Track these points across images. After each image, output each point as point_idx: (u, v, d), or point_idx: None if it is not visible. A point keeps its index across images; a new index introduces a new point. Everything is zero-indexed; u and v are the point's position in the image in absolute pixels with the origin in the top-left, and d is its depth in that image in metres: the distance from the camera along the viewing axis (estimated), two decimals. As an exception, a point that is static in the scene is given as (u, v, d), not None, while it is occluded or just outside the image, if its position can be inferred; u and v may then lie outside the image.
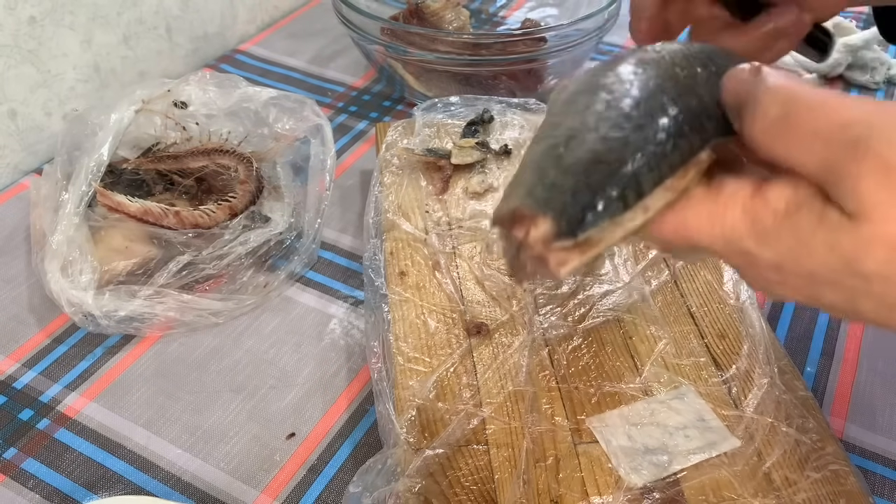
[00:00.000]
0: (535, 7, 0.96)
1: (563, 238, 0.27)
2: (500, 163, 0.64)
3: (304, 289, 0.60)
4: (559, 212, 0.27)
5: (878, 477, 0.48)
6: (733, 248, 0.27)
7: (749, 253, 0.27)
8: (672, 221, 0.28)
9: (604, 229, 0.27)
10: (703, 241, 0.28)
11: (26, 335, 0.56)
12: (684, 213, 0.28)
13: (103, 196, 0.56)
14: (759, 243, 0.26)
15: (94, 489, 0.47)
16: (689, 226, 0.28)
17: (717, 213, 0.27)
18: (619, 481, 0.42)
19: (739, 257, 0.27)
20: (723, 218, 0.27)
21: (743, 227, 0.27)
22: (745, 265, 0.28)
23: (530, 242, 0.28)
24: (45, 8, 0.70)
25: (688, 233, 0.28)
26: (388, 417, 0.45)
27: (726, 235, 0.27)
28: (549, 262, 0.28)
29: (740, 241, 0.27)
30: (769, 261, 0.27)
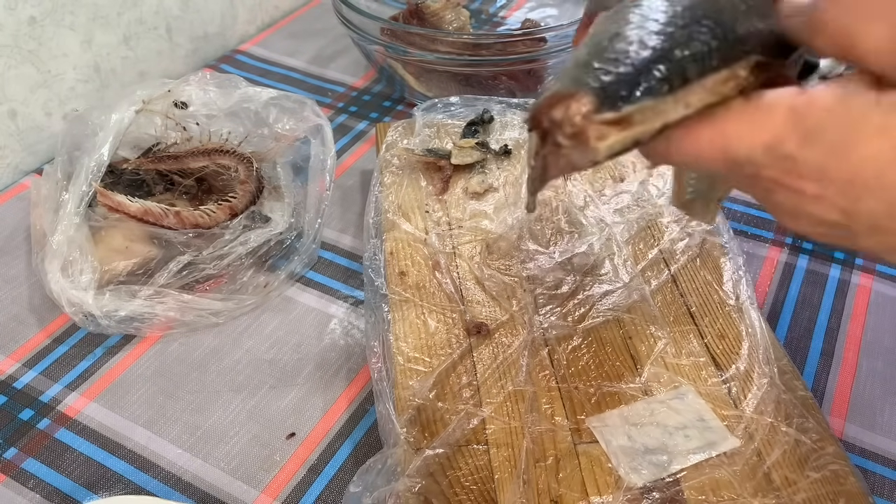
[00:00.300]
0: (535, 7, 0.96)
1: (604, 111, 0.27)
2: (500, 163, 0.64)
3: (304, 289, 0.60)
4: (601, 87, 0.27)
5: (878, 477, 0.48)
6: (773, 155, 0.26)
7: (790, 158, 0.26)
8: (708, 131, 0.27)
9: (645, 110, 0.27)
10: (741, 151, 0.27)
11: (27, 335, 0.57)
12: (722, 122, 0.27)
13: (104, 196, 0.57)
14: (804, 142, 0.25)
15: (95, 489, 0.47)
16: (727, 134, 0.27)
17: (759, 118, 0.26)
18: (618, 481, 0.42)
19: (777, 168, 0.26)
20: (764, 122, 0.26)
21: (786, 129, 0.26)
22: (780, 178, 0.26)
23: (570, 117, 0.27)
24: (46, 8, 0.70)
25: (725, 142, 0.27)
26: (389, 417, 0.45)
27: (767, 141, 0.26)
28: (588, 136, 0.27)
29: (782, 144, 0.26)
30: (812, 164, 0.25)
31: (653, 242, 0.57)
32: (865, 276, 0.61)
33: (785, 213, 0.28)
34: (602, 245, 0.57)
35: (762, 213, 0.67)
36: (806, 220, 0.27)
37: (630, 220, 0.59)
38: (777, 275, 0.61)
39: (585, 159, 0.28)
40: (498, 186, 0.62)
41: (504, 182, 0.62)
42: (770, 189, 0.27)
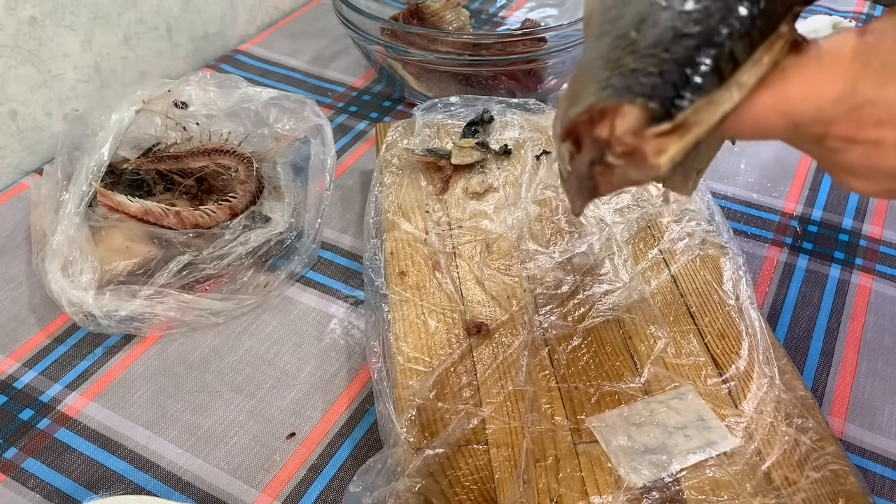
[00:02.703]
0: (535, 7, 0.96)
1: (656, 123, 0.24)
2: (500, 163, 0.64)
3: (304, 289, 0.60)
4: (648, 95, 0.24)
5: (878, 477, 0.48)
6: (845, 105, 0.24)
7: (866, 104, 0.23)
8: (768, 98, 0.25)
9: (699, 110, 0.24)
10: (808, 110, 0.24)
11: (27, 335, 0.57)
12: (783, 86, 0.25)
13: (104, 196, 0.57)
14: (881, 81, 0.23)
15: (95, 489, 0.47)
16: (790, 97, 0.24)
17: (823, 70, 0.24)
18: (618, 481, 0.42)
19: (850, 120, 0.24)
20: (830, 72, 0.24)
21: (857, 72, 0.23)
22: (854, 132, 0.24)
23: (618, 137, 0.24)
24: (46, 8, 0.70)
25: (790, 105, 0.24)
26: (389, 417, 0.45)
27: (837, 92, 0.24)
28: (645, 153, 0.24)
29: (855, 91, 0.23)
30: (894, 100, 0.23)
31: (653, 242, 0.57)
32: (865, 276, 0.61)
33: (855, 174, 0.26)
34: (602, 245, 0.57)
35: (762, 213, 0.67)
36: (882, 177, 0.25)
37: (630, 220, 0.59)
38: (777, 275, 0.61)
39: (645, 175, 0.25)
40: (498, 186, 0.62)
41: (504, 182, 0.62)
42: (839, 148, 0.25)
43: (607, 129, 0.25)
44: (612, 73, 0.25)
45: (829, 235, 0.65)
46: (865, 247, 0.64)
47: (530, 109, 0.69)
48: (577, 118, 0.26)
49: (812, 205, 0.68)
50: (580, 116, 0.25)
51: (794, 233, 0.65)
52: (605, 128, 0.25)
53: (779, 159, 0.73)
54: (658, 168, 0.24)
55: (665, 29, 0.25)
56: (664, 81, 0.24)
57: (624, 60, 0.25)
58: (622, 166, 0.25)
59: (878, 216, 0.67)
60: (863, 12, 0.95)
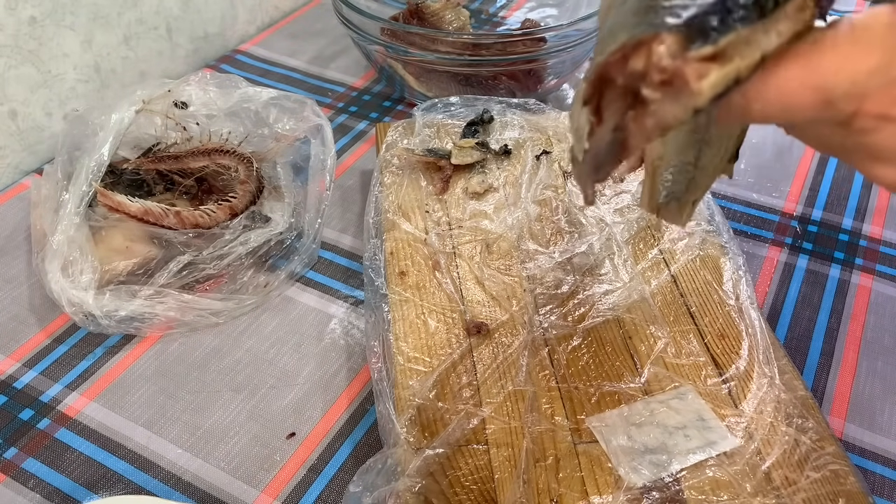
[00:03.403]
0: (535, 7, 0.96)
1: (696, 46, 0.23)
2: (500, 163, 0.64)
3: (304, 289, 0.60)
4: (684, 22, 0.23)
5: (878, 477, 0.48)
6: (881, 78, 0.23)
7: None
8: (798, 70, 0.24)
9: (739, 41, 0.23)
10: (841, 85, 0.23)
11: (27, 335, 0.57)
12: (816, 58, 0.24)
13: (104, 196, 0.57)
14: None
15: (95, 489, 0.47)
16: (822, 69, 0.24)
17: (858, 42, 0.23)
18: (618, 481, 0.42)
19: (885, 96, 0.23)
20: (866, 44, 0.23)
21: (893, 43, 0.23)
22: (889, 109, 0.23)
23: (657, 62, 0.23)
24: (46, 8, 0.70)
25: (821, 78, 0.24)
26: (389, 417, 0.45)
27: (873, 65, 0.23)
28: (686, 77, 0.23)
29: (891, 62, 0.23)
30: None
31: (653, 242, 0.57)
32: (865, 276, 0.61)
33: (885, 158, 0.25)
34: (602, 245, 0.57)
35: (762, 213, 0.67)
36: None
37: (630, 220, 0.59)
38: (777, 275, 0.61)
39: (684, 108, 0.24)
40: (498, 186, 0.62)
41: (504, 182, 0.62)
42: (870, 128, 0.24)
43: (644, 59, 0.23)
44: (639, 16, 0.24)
45: (829, 235, 0.65)
46: (865, 247, 0.64)
47: (530, 109, 0.69)
48: (609, 58, 0.25)
49: (812, 205, 0.68)
50: (614, 56, 0.24)
51: (794, 233, 0.65)
52: (640, 59, 0.24)
53: (779, 159, 0.73)
54: (700, 94, 0.23)
55: None
56: (705, 11, 0.23)
57: (657, 2, 0.24)
58: (659, 101, 0.24)
59: (878, 216, 0.67)
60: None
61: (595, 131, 0.27)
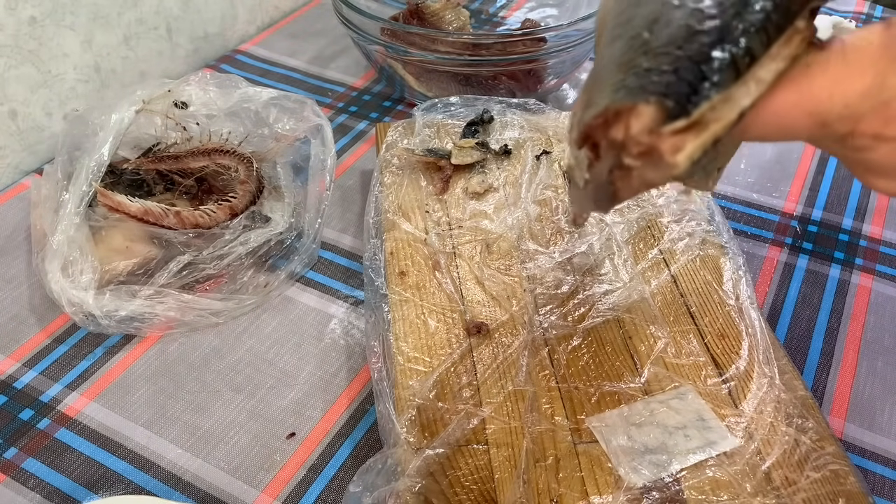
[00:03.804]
0: (535, 7, 0.96)
1: (672, 120, 0.23)
2: (500, 163, 0.64)
3: (304, 289, 0.60)
4: (662, 93, 0.23)
5: (878, 477, 0.48)
6: (873, 101, 0.23)
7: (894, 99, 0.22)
8: (792, 96, 0.24)
9: (716, 106, 0.23)
10: (836, 107, 0.24)
11: (27, 335, 0.57)
12: (808, 83, 0.24)
13: (104, 196, 0.57)
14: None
15: (95, 489, 0.47)
16: (816, 93, 0.24)
17: (849, 65, 0.23)
18: (618, 481, 0.42)
19: (878, 116, 0.23)
20: (857, 66, 0.23)
21: (885, 65, 0.23)
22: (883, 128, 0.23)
23: (634, 136, 0.24)
24: (46, 8, 0.70)
25: (816, 102, 0.24)
26: (389, 417, 0.45)
27: (865, 86, 0.23)
28: (661, 151, 0.24)
29: (883, 83, 0.23)
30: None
31: (653, 242, 0.57)
32: (865, 276, 0.61)
33: (882, 173, 0.25)
34: (602, 245, 0.57)
35: (762, 213, 0.67)
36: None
37: (630, 220, 0.59)
38: (777, 275, 0.61)
39: (663, 176, 0.25)
40: (498, 186, 0.62)
41: (504, 182, 0.62)
42: (866, 147, 0.24)
43: (622, 131, 0.24)
44: (625, 75, 0.24)
45: (829, 235, 0.65)
46: (865, 247, 0.64)
47: (530, 109, 0.69)
48: (591, 122, 0.25)
49: (812, 205, 0.68)
50: (595, 120, 0.25)
51: (794, 233, 0.65)
52: (620, 129, 0.24)
53: (779, 159, 0.73)
54: (676, 167, 0.24)
55: (678, 27, 0.24)
56: (679, 79, 0.23)
57: (637, 61, 0.24)
58: (640, 168, 0.25)
59: (878, 216, 0.67)
60: (863, 12, 0.95)
61: (594, 166, 0.27)
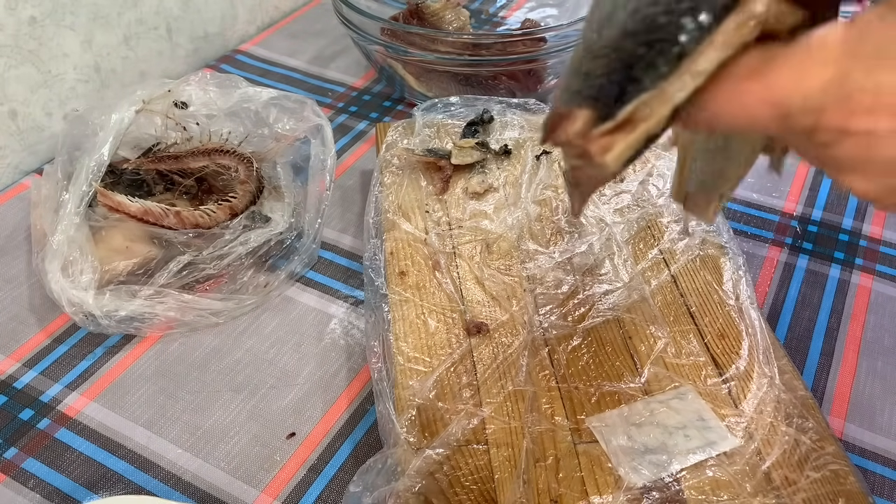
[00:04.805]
0: (535, 7, 0.96)
1: (602, 122, 0.24)
2: (500, 163, 0.64)
3: (304, 289, 0.60)
4: (594, 97, 0.25)
5: (878, 477, 0.48)
6: (835, 94, 0.23)
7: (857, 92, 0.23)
8: (755, 86, 0.24)
9: (647, 102, 0.24)
10: (796, 100, 0.24)
11: (27, 335, 0.57)
12: (770, 73, 0.24)
13: (104, 196, 0.57)
14: (871, 67, 0.22)
15: (95, 489, 0.47)
16: (778, 84, 0.24)
17: (812, 57, 0.23)
18: (618, 481, 0.42)
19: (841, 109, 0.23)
20: (819, 59, 0.23)
21: (846, 58, 0.23)
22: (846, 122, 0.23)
23: (570, 139, 0.25)
24: (46, 8, 0.70)
25: (777, 93, 0.24)
26: (389, 417, 0.45)
27: (827, 79, 0.23)
28: (591, 153, 0.25)
29: (845, 78, 0.23)
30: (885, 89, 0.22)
31: (653, 242, 0.57)
32: (865, 276, 0.61)
33: (850, 169, 0.25)
34: (602, 245, 0.57)
35: (762, 213, 0.67)
36: (879, 171, 0.24)
37: (630, 220, 0.59)
38: (777, 275, 0.61)
39: (602, 174, 0.26)
40: (498, 186, 0.62)
41: (504, 182, 0.62)
42: (832, 142, 0.24)
43: (563, 134, 0.26)
44: (574, 79, 0.26)
45: (829, 235, 0.65)
46: (865, 247, 0.64)
47: (530, 109, 0.69)
48: (546, 124, 0.27)
49: (812, 205, 0.68)
50: (548, 123, 0.27)
51: (794, 233, 0.65)
52: (562, 133, 0.26)
53: (779, 159, 0.73)
54: (607, 166, 0.25)
55: (617, 28, 0.25)
56: (609, 82, 0.24)
57: (584, 65, 0.25)
58: (583, 167, 0.26)
59: (878, 216, 0.67)
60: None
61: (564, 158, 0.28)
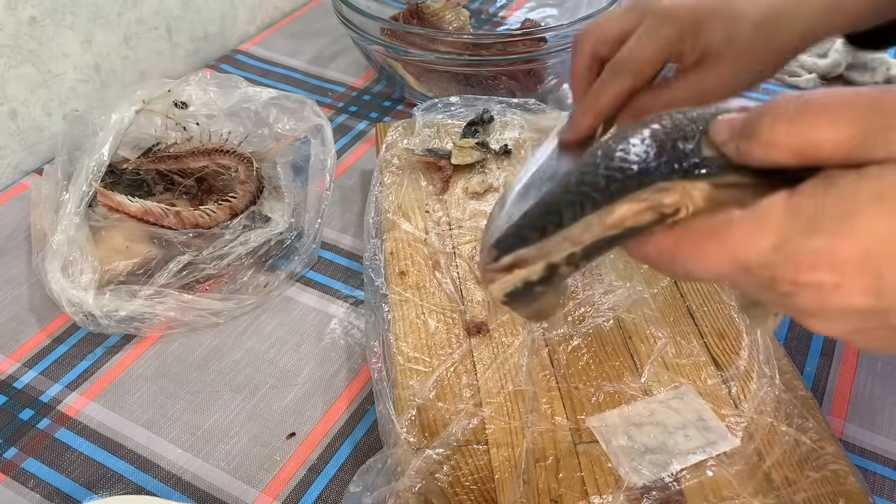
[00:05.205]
0: (535, 7, 0.96)
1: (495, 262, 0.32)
2: (500, 163, 0.64)
3: (304, 289, 0.60)
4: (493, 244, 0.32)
5: (878, 477, 0.48)
6: (783, 254, 0.27)
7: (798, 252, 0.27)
8: (714, 244, 0.28)
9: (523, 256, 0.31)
10: (752, 256, 0.28)
11: (27, 335, 0.57)
12: (726, 233, 0.28)
13: (104, 196, 0.57)
14: (808, 232, 0.26)
15: (95, 489, 0.47)
16: (733, 244, 0.28)
17: (759, 223, 0.27)
18: (618, 481, 0.42)
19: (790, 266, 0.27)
20: (766, 225, 0.27)
21: (787, 225, 0.27)
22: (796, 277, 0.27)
23: (480, 267, 0.34)
24: (46, 8, 0.70)
25: (734, 251, 0.28)
26: (389, 417, 0.45)
27: (773, 241, 0.27)
28: (482, 280, 0.33)
29: (789, 241, 0.27)
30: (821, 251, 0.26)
31: (653, 242, 0.57)
32: (865, 276, 0.61)
33: (813, 316, 0.28)
34: (602, 245, 0.57)
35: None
36: (836, 317, 0.28)
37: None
38: (777, 275, 0.61)
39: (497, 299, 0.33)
40: (498, 186, 0.62)
41: (504, 182, 0.62)
42: (790, 292, 0.28)
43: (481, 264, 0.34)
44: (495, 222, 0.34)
45: (829, 235, 0.65)
46: (865, 247, 0.64)
47: (530, 109, 0.69)
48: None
49: (812, 205, 0.68)
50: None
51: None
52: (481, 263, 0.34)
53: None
54: (492, 293, 0.33)
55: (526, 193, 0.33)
56: (506, 233, 0.32)
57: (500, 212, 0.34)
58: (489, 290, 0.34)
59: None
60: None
61: None
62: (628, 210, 0.30)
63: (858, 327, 0.28)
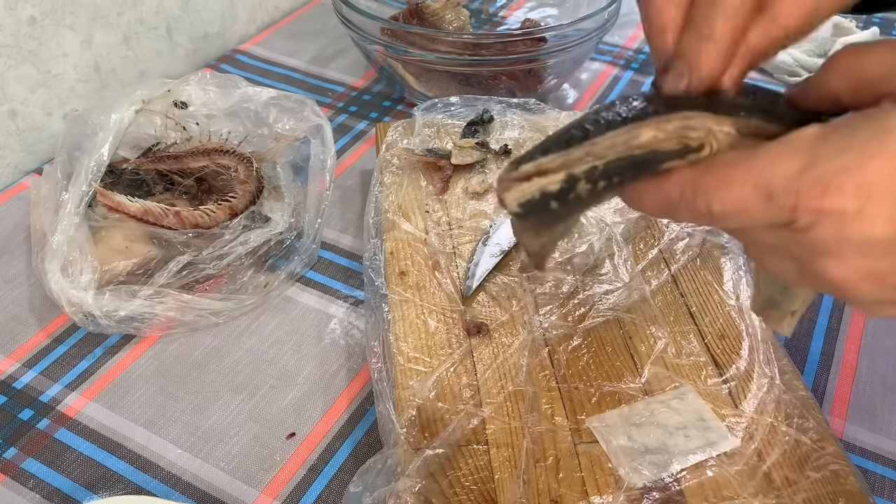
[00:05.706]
0: (535, 7, 0.96)
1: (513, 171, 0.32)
2: (500, 163, 0.64)
3: (304, 289, 0.60)
4: (520, 157, 0.32)
5: (878, 477, 0.48)
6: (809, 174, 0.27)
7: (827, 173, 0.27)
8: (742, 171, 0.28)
9: (544, 164, 0.31)
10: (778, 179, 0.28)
11: (26, 335, 0.57)
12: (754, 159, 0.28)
13: (103, 196, 0.57)
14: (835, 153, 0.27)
15: (95, 489, 0.47)
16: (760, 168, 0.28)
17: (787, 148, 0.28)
18: (619, 481, 0.42)
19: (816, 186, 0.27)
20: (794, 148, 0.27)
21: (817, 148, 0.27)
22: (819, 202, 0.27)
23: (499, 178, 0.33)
24: (46, 8, 0.70)
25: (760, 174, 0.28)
26: (389, 417, 0.45)
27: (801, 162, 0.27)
28: (497, 191, 0.33)
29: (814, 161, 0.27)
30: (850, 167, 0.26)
31: (653, 242, 0.57)
32: (865, 276, 0.61)
33: (828, 254, 0.28)
34: (602, 245, 0.57)
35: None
36: (853, 252, 0.27)
37: (630, 220, 0.59)
38: (777, 275, 0.61)
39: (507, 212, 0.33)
40: (498, 186, 0.62)
41: (504, 182, 0.62)
42: (810, 224, 0.27)
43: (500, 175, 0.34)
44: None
45: (830, 235, 0.65)
46: (865, 247, 0.64)
47: (530, 109, 0.69)
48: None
49: (812, 205, 0.68)
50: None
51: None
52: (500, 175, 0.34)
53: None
54: (504, 202, 0.32)
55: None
56: (533, 148, 0.32)
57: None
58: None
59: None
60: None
61: None
62: (654, 133, 0.30)
63: (873, 268, 0.28)
